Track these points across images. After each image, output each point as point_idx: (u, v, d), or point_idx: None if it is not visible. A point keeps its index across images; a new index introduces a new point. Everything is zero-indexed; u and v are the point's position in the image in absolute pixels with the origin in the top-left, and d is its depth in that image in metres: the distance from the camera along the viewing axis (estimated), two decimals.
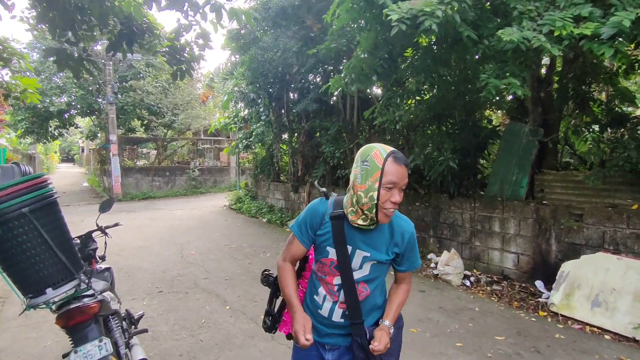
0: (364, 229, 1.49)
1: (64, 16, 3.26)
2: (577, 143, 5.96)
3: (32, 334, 3.77)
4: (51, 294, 2.00)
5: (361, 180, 1.41)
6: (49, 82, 15.22)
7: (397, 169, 1.38)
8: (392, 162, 1.38)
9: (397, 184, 1.38)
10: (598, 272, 3.99)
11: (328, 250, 1.54)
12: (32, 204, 1.90)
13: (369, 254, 1.51)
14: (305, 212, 1.61)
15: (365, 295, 1.56)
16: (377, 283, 1.60)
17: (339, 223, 1.50)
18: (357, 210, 1.46)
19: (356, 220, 1.47)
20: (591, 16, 3.18)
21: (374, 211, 1.40)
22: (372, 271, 1.54)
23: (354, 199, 1.45)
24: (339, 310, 1.56)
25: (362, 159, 1.43)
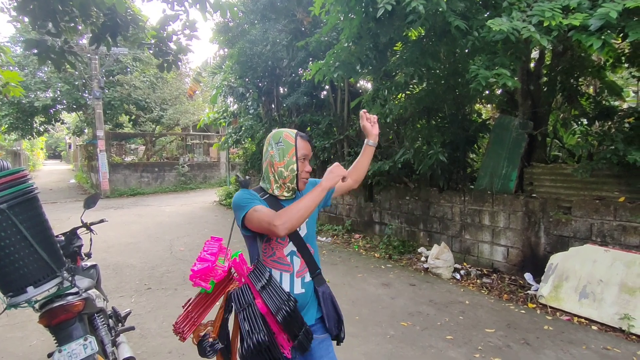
0: (289, 199, 1.71)
1: (44, 7, 3.16)
2: (566, 136, 6.01)
3: (16, 333, 3.69)
4: (32, 292, 1.94)
5: (279, 158, 1.65)
6: (33, 77, 14.89)
7: (306, 144, 1.68)
8: (300, 139, 1.67)
9: (307, 155, 1.69)
10: (585, 264, 4.03)
11: None
12: (10, 200, 1.84)
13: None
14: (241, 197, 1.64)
15: (312, 252, 1.73)
16: (314, 239, 1.81)
17: (273, 200, 1.69)
18: (280, 184, 1.68)
19: (283, 193, 1.69)
20: (580, 7, 3.18)
21: (295, 181, 1.67)
22: (308, 228, 1.75)
23: (275, 176, 1.67)
24: (298, 280, 1.66)
25: (275, 142, 1.67)
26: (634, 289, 3.65)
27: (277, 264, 1.66)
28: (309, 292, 1.69)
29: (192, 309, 1.69)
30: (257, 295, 1.53)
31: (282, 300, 1.50)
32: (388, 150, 6.88)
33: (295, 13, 7.95)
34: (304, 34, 7.99)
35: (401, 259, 5.97)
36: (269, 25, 8.36)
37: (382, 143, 7.12)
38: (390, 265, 5.72)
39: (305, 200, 1.53)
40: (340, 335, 1.79)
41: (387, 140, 7.09)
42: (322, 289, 1.73)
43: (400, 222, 6.60)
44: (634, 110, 4.91)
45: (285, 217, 1.49)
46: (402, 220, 6.57)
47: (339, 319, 1.77)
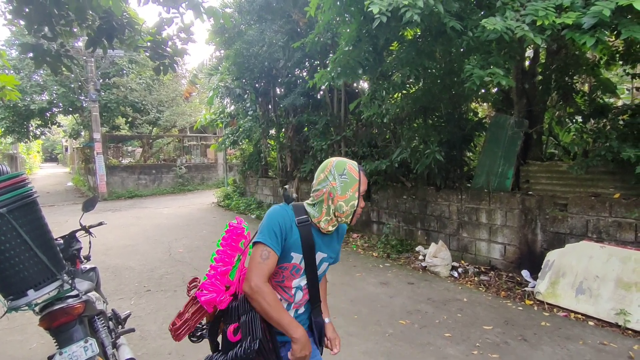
0: (328, 235, 1.66)
1: (40, 11, 3.17)
2: (561, 134, 6.05)
3: (16, 337, 3.70)
4: (33, 295, 1.95)
5: (341, 191, 1.57)
6: (29, 80, 14.85)
7: (365, 179, 1.64)
8: (363, 174, 1.62)
9: (365, 191, 1.64)
10: (582, 260, 4.07)
11: (292, 256, 1.56)
12: (10, 204, 1.85)
13: (326, 255, 1.66)
14: (272, 220, 1.55)
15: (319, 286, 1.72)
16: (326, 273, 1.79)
17: (307, 229, 1.57)
18: (331, 218, 1.59)
19: (328, 227, 1.60)
20: (573, 6, 3.21)
21: (351, 217, 1.60)
22: (325, 268, 1.71)
23: (331, 209, 1.58)
24: (293, 310, 1.62)
25: (338, 173, 1.59)
26: (630, 284, 3.68)
27: (280, 290, 1.60)
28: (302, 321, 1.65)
29: (191, 316, 1.68)
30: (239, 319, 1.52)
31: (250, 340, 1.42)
32: (385, 149, 6.91)
33: (291, 14, 7.97)
34: (300, 34, 8.00)
35: (399, 257, 5.99)
36: (265, 26, 8.37)
37: (379, 143, 7.15)
38: (389, 264, 5.74)
39: (278, 317, 1.42)
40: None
41: (384, 140, 7.12)
42: (318, 320, 1.70)
43: (397, 221, 6.63)
44: (628, 108, 4.95)
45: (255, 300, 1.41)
46: (399, 219, 6.60)
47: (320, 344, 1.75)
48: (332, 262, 1.73)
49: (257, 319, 1.45)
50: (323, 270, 1.69)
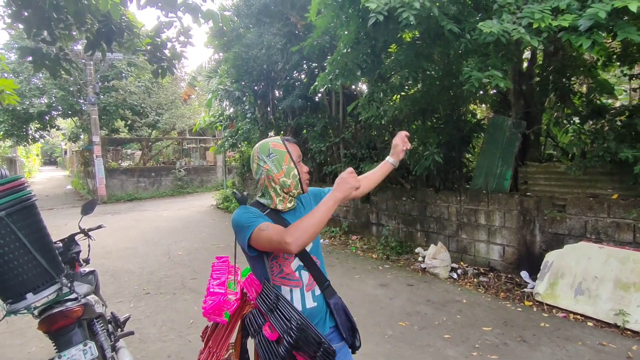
0: (291, 210, 1.67)
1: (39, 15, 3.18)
2: (559, 135, 6.06)
3: (15, 341, 3.70)
4: (32, 298, 1.96)
5: (277, 169, 1.59)
6: (28, 84, 14.86)
7: (294, 146, 1.65)
8: (288, 143, 1.64)
9: (300, 156, 1.66)
10: (580, 261, 4.07)
11: None
12: (8, 207, 1.86)
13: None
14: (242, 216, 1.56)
15: (318, 264, 1.68)
16: (319, 250, 1.75)
17: (275, 214, 1.62)
18: (283, 196, 1.62)
19: (286, 204, 1.64)
20: (569, 8, 3.23)
21: (300, 186, 1.62)
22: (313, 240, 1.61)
23: (277, 189, 1.61)
24: (308, 294, 1.61)
25: (265, 155, 1.61)
26: (628, 284, 3.69)
27: (285, 281, 1.60)
28: (321, 305, 1.64)
29: (212, 344, 1.69)
30: (267, 318, 1.50)
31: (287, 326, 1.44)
32: (384, 151, 6.92)
33: (289, 17, 7.99)
34: (298, 37, 8.02)
35: (398, 259, 6.00)
36: (263, 29, 8.39)
37: (378, 144, 7.16)
38: (388, 266, 5.74)
39: (317, 214, 1.42)
40: (356, 344, 1.74)
41: (382, 142, 7.13)
42: (334, 301, 1.67)
43: (397, 222, 6.64)
44: (626, 108, 4.97)
45: (297, 233, 1.40)
46: (399, 221, 6.60)
47: (353, 327, 1.72)
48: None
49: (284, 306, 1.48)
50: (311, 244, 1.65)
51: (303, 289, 1.61)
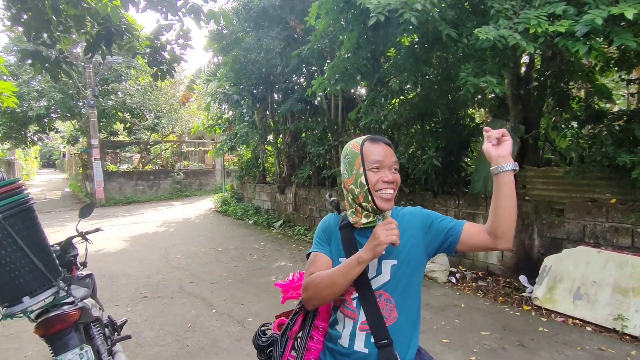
0: (370, 227, 1.33)
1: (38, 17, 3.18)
2: (557, 139, 6.08)
3: (11, 345, 3.67)
4: (28, 302, 1.95)
5: (348, 174, 1.34)
6: (27, 86, 14.85)
7: (377, 147, 1.32)
8: (370, 143, 1.33)
9: (382, 162, 1.29)
10: (579, 266, 4.07)
11: (340, 261, 1.35)
12: (6, 210, 1.85)
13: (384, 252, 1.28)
14: (318, 228, 1.48)
15: (393, 317, 1.28)
16: (406, 300, 1.31)
17: (348, 231, 1.37)
18: (355, 208, 1.35)
19: (359, 220, 1.35)
20: (565, 14, 3.25)
21: (370, 198, 1.28)
22: (394, 275, 1.30)
23: (349, 199, 1.37)
24: (361, 334, 1.29)
25: (343, 156, 1.39)
26: (627, 289, 3.69)
27: (343, 307, 1.35)
28: (373, 356, 1.26)
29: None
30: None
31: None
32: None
33: (288, 21, 8.02)
34: (297, 41, 8.05)
35: None
36: (262, 33, 8.42)
37: None
38: None
39: (335, 274, 1.24)
40: None
41: None
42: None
43: None
44: (624, 113, 4.98)
45: (310, 290, 1.27)
46: None
47: None
48: (408, 268, 1.31)
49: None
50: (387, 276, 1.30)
51: (356, 325, 1.30)
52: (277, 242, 7.78)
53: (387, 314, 1.27)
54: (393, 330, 1.26)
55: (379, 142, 1.33)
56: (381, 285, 1.29)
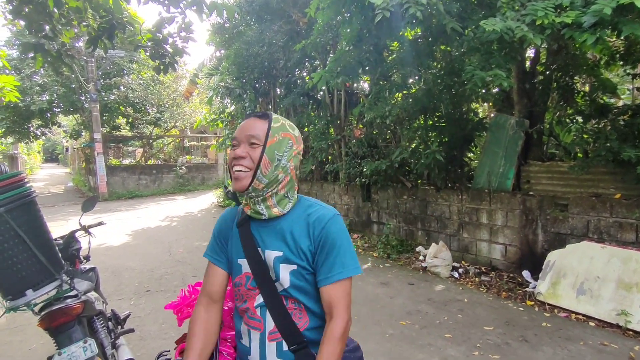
0: (258, 219, 1.20)
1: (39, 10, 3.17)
2: (562, 134, 6.04)
3: (16, 337, 3.69)
4: (31, 295, 1.95)
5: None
6: (30, 80, 14.85)
7: (243, 122, 1.19)
8: (245, 119, 1.20)
9: (238, 137, 1.16)
10: (583, 261, 4.05)
11: (240, 264, 1.22)
12: (8, 203, 1.85)
13: (280, 253, 1.16)
14: (215, 226, 1.33)
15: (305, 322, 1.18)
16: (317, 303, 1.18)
17: (246, 225, 1.22)
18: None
19: (248, 210, 1.21)
20: (573, 5, 3.20)
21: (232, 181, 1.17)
22: (295, 279, 1.16)
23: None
24: (271, 344, 1.17)
25: None
26: (631, 285, 3.67)
27: (245, 316, 1.22)
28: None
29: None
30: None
31: None
32: (385, 149, 6.90)
33: (290, 14, 7.97)
34: (300, 34, 8.00)
35: (399, 258, 5.98)
36: (264, 27, 8.38)
37: (379, 143, 7.14)
38: (389, 265, 5.73)
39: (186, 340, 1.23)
40: None
41: (384, 140, 7.12)
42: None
43: (398, 221, 6.62)
44: (629, 108, 4.94)
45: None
46: (400, 219, 6.59)
47: None
48: (297, 265, 1.16)
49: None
50: (286, 281, 1.16)
51: (264, 336, 1.17)
52: None
53: (297, 319, 1.17)
54: (308, 333, 1.17)
55: (249, 117, 1.19)
56: (282, 291, 1.17)
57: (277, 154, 1.15)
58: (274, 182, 1.16)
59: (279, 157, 1.15)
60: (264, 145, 1.13)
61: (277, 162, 1.15)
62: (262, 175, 1.13)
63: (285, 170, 1.17)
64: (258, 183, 1.14)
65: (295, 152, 1.20)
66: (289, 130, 1.19)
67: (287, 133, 1.18)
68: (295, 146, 1.20)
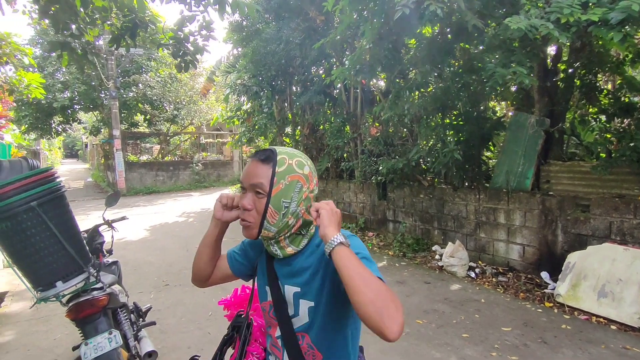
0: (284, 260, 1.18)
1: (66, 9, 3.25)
2: (583, 133, 5.92)
3: (41, 327, 3.81)
4: (61, 287, 2.02)
5: None
6: (52, 78, 15.21)
7: (246, 166, 1.15)
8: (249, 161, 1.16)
9: (243, 182, 1.13)
10: (604, 263, 3.98)
11: (266, 291, 1.23)
12: (40, 197, 1.91)
13: (298, 289, 1.14)
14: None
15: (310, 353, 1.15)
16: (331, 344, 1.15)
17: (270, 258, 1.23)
18: None
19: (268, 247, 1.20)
20: (599, 2, 3.14)
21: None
22: (313, 317, 1.13)
23: None
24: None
25: None
26: None
27: (270, 343, 1.26)
28: None
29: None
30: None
31: None
32: (402, 148, 6.87)
33: (308, 11, 7.98)
34: (317, 32, 8.01)
35: (415, 257, 5.96)
36: (282, 24, 8.40)
37: (395, 141, 7.11)
38: (405, 263, 5.71)
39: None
40: None
41: (401, 139, 7.08)
42: None
43: (414, 220, 6.59)
44: None
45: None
46: (416, 218, 6.55)
47: None
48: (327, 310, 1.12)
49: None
50: (304, 318, 1.14)
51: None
52: None
53: (310, 358, 1.15)
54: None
55: (251, 158, 1.15)
56: (301, 327, 1.15)
57: (285, 201, 1.09)
58: (284, 228, 1.11)
59: (287, 204, 1.09)
60: (268, 195, 1.08)
61: (285, 209, 1.09)
62: (270, 225, 1.09)
63: (295, 215, 1.11)
64: (267, 232, 1.11)
65: (306, 193, 1.12)
66: (296, 172, 1.10)
67: (294, 175, 1.10)
68: (306, 187, 1.12)
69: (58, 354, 3.30)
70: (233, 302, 1.54)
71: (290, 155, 1.13)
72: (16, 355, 3.31)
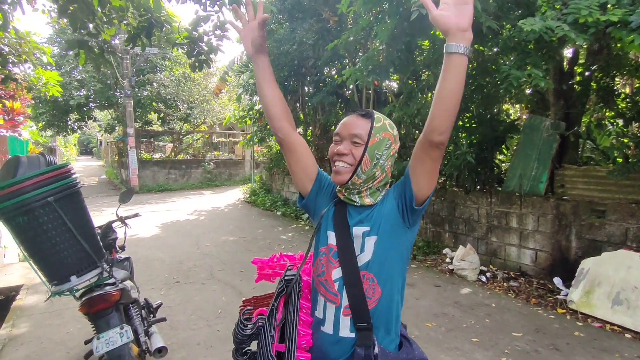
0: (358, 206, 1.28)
1: (83, 9, 3.31)
2: (600, 137, 5.81)
3: (54, 321, 3.88)
4: (75, 281, 2.06)
5: None
6: (69, 76, 15.49)
7: (345, 119, 1.27)
8: (347, 116, 1.28)
9: (341, 133, 1.25)
10: (619, 270, 3.90)
11: (328, 235, 1.30)
12: (56, 193, 1.95)
13: (368, 228, 1.24)
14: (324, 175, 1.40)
15: (377, 297, 1.22)
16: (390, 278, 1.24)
17: (342, 204, 1.31)
18: None
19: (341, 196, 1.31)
20: (619, 3, 3.07)
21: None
22: (378, 252, 1.22)
23: None
24: (345, 319, 1.23)
25: None
26: None
27: (322, 288, 1.28)
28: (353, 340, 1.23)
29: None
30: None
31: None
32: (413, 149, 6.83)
33: (321, 12, 7.99)
34: (331, 33, 8.01)
35: (425, 259, 5.92)
36: (296, 25, 8.43)
37: (407, 142, 7.07)
38: (415, 266, 5.68)
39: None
40: None
41: (412, 140, 7.04)
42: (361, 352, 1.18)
43: (425, 222, 6.54)
44: None
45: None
46: (427, 220, 6.51)
47: None
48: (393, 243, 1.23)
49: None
50: (368, 254, 1.22)
51: (340, 310, 1.24)
52: (304, 234, 7.84)
53: (370, 294, 1.21)
54: (374, 313, 1.22)
55: (351, 114, 1.28)
56: (364, 265, 1.23)
57: (377, 153, 1.23)
58: (371, 178, 1.25)
59: (379, 156, 1.23)
60: (366, 144, 1.21)
61: (377, 160, 1.23)
62: (362, 172, 1.22)
63: (382, 168, 1.26)
64: (357, 179, 1.23)
65: (393, 151, 1.28)
66: (389, 130, 1.26)
67: (387, 133, 1.25)
68: (394, 145, 1.27)
69: (70, 347, 3.36)
70: (267, 263, 1.58)
71: (384, 117, 1.29)
72: (30, 347, 3.37)
